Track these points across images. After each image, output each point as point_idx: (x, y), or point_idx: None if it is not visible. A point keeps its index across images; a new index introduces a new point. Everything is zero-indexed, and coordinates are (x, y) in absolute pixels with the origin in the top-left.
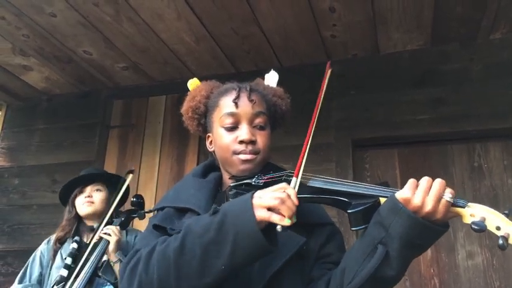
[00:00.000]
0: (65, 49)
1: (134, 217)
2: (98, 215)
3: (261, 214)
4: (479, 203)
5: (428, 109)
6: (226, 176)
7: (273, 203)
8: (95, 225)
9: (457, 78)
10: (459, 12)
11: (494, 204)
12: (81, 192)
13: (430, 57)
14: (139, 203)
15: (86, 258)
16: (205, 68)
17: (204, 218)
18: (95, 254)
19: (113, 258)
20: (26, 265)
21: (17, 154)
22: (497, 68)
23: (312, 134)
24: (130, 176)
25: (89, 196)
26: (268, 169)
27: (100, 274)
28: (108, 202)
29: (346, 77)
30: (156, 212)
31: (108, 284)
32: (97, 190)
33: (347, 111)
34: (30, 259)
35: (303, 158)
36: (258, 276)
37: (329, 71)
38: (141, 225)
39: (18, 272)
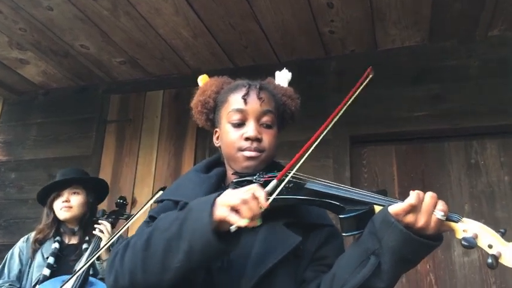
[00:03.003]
0: (61, 43)
1: (122, 219)
2: (77, 219)
3: (220, 212)
4: (476, 200)
5: (426, 106)
6: (230, 172)
7: (234, 202)
8: (76, 228)
9: (454, 75)
10: (457, 8)
11: (490, 201)
12: (58, 196)
13: (428, 53)
14: (123, 204)
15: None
16: (203, 63)
17: (173, 213)
18: (88, 252)
19: (105, 256)
20: (3, 262)
21: (13, 148)
22: (495, 65)
23: (316, 141)
24: (160, 192)
25: (66, 201)
26: (272, 168)
27: (96, 263)
28: (86, 204)
29: (343, 73)
30: (156, 204)
31: (100, 282)
32: (74, 193)
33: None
34: (8, 256)
35: (293, 163)
36: (251, 272)
37: (369, 77)
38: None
39: None
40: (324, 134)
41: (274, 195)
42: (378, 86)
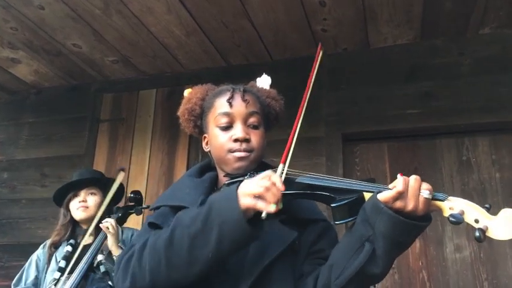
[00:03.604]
0: (53, 42)
1: (131, 213)
2: (93, 219)
3: (246, 202)
4: (468, 196)
5: (418, 103)
6: (221, 175)
7: (258, 190)
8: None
9: (446, 73)
10: (448, 6)
11: (482, 197)
12: (75, 196)
13: (420, 51)
14: (138, 198)
15: (79, 255)
16: (196, 61)
17: (193, 209)
18: (90, 249)
19: (116, 252)
20: (22, 269)
21: (5, 148)
22: (486, 63)
23: (301, 119)
24: (122, 174)
25: (83, 200)
26: (262, 168)
27: (103, 262)
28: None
29: (336, 71)
30: (153, 211)
31: (104, 281)
32: (91, 194)
33: (337, 106)
34: (27, 263)
35: (290, 145)
36: (249, 269)
37: (321, 52)
38: (138, 221)
39: (8, 266)
40: (303, 114)
41: (283, 176)
42: (370, 83)
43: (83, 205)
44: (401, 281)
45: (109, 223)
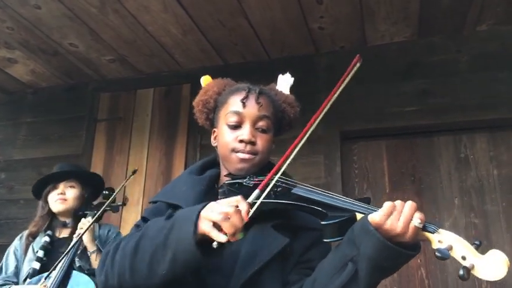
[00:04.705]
0: (50, 42)
1: (107, 210)
2: (71, 212)
3: (203, 226)
4: (466, 193)
5: (416, 101)
6: (223, 173)
7: (217, 218)
8: (68, 221)
9: (444, 70)
10: (445, 4)
11: (480, 194)
12: (54, 188)
13: (417, 49)
14: (110, 195)
15: (56, 247)
16: (193, 60)
17: (161, 221)
18: (69, 248)
19: (91, 248)
20: (1, 261)
21: (3, 148)
22: (483, 60)
23: (303, 141)
24: (132, 176)
25: (61, 193)
26: (265, 170)
27: (76, 259)
28: (81, 198)
29: (333, 69)
30: (151, 204)
31: (84, 275)
32: (70, 187)
33: (335, 104)
34: (5, 255)
35: (274, 174)
36: (239, 273)
37: (357, 65)
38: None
39: None
40: (311, 129)
41: (256, 206)
42: (368, 81)
43: (61, 197)
44: (400, 279)
45: (81, 224)
